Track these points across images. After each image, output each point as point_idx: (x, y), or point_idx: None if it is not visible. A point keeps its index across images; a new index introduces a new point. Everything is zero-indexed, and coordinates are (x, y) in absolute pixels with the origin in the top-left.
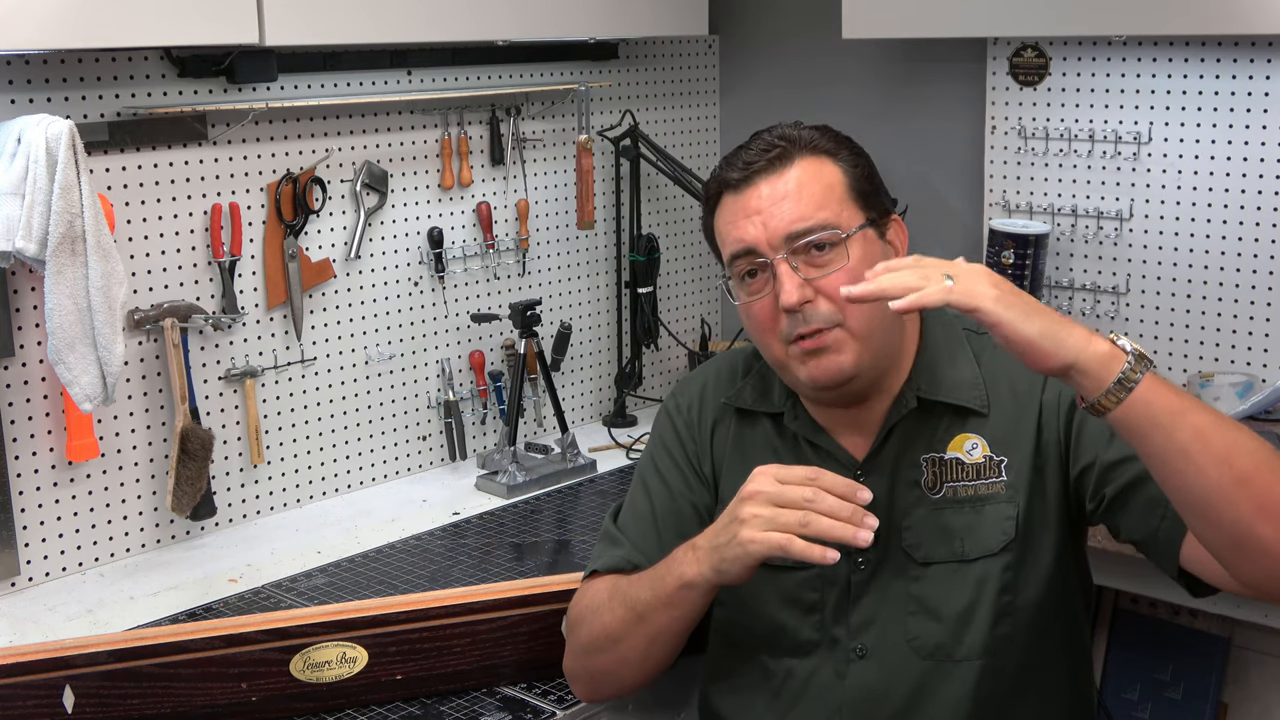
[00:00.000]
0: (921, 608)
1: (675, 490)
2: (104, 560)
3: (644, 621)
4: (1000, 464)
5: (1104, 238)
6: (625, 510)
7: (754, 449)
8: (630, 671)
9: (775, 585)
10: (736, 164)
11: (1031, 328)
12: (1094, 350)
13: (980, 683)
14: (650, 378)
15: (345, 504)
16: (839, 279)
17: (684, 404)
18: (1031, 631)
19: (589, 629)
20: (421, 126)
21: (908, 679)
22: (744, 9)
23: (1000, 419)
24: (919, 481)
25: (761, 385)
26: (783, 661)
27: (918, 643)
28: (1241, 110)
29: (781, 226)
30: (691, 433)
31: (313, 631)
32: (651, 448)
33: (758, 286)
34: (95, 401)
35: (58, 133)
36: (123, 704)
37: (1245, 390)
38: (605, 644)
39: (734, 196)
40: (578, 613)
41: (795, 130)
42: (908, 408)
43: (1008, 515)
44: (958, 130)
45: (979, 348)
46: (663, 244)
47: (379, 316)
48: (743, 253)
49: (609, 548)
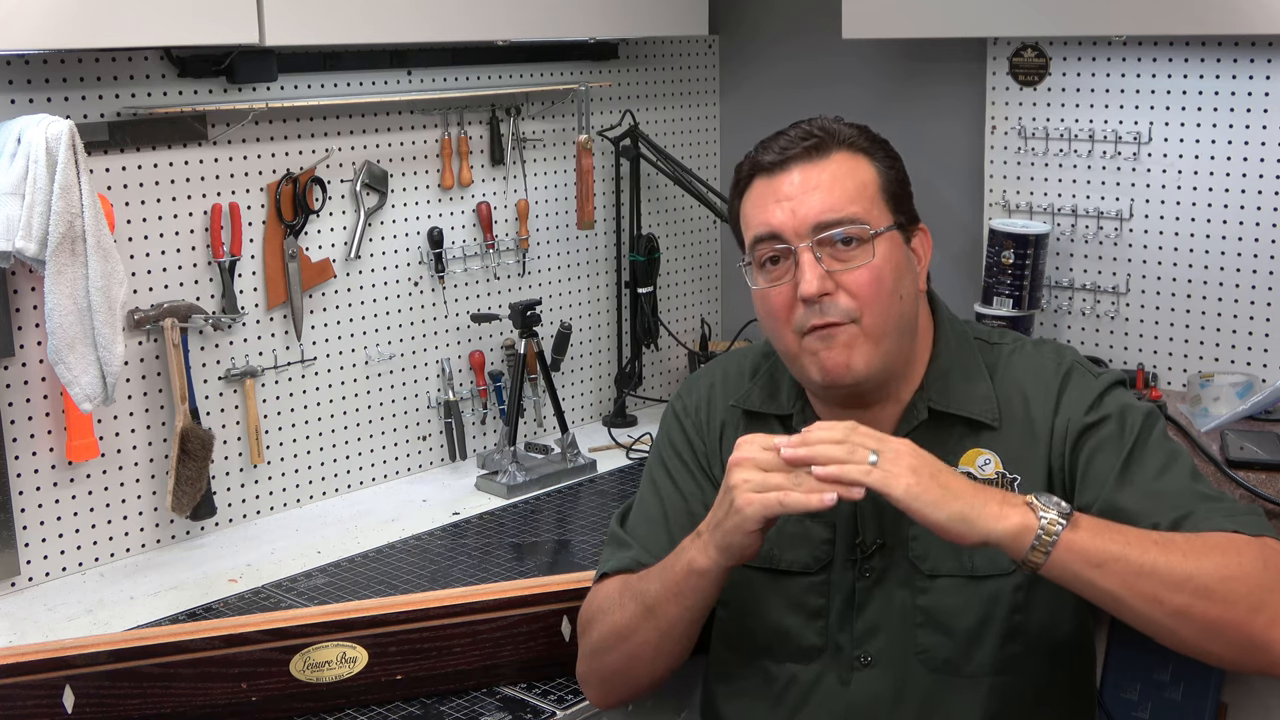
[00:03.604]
0: (930, 620)
1: (687, 493)
2: (104, 560)
3: (654, 614)
4: (1013, 482)
5: (1104, 238)
6: (634, 513)
7: None
8: (642, 668)
9: (779, 590)
10: (773, 148)
11: (941, 514)
12: (1004, 528)
13: (989, 700)
14: (650, 378)
15: (345, 504)
16: (862, 275)
17: (691, 405)
18: (1041, 651)
19: (600, 629)
20: (421, 126)
21: (915, 691)
22: (744, 9)
23: (1014, 437)
24: None
25: (770, 386)
26: (786, 667)
27: (926, 655)
28: (1241, 110)
29: (811, 215)
30: (700, 434)
31: (313, 631)
32: (659, 449)
33: (778, 274)
34: (95, 401)
35: (58, 133)
36: (123, 704)
37: (1245, 390)
38: (616, 641)
39: (766, 180)
40: (588, 615)
41: (835, 124)
42: (919, 419)
43: None
44: (958, 130)
45: (993, 360)
46: (663, 244)
47: (379, 316)
48: (767, 236)
49: (618, 550)
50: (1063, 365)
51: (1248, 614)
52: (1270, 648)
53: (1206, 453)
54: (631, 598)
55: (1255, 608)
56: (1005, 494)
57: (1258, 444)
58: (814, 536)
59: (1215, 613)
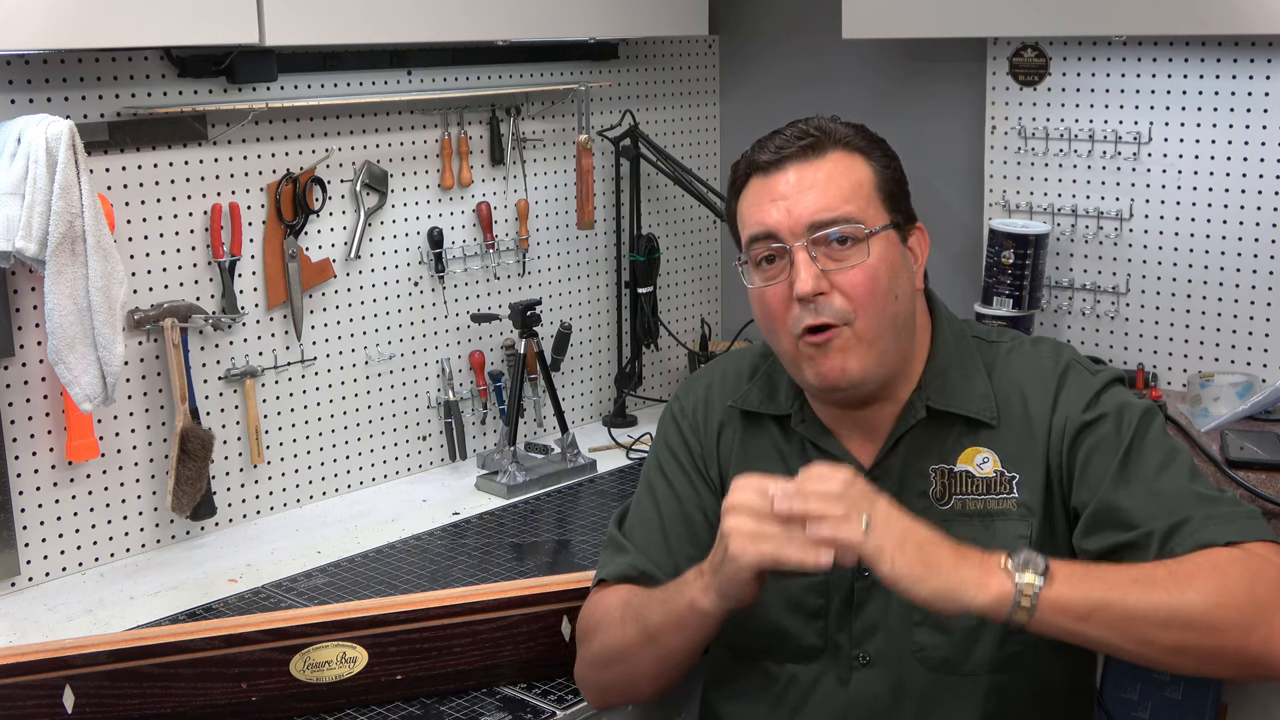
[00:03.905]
0: (928, 619)
1: (683, 496)
2: (104, 560)
3: (655, 642)
4: (1012, 480)
5: (1104, 238)
6: (631, 515)
7: (759, 454)
8: (642, 685)
9: (779, 590)
10: (769, 147)
11: (925, 590)
12: (984, 599)
13: (988, 699)
14: (650, 378)
15: (345, 504)
16: (856, 275)
17: (689, 407)
18: (1039, 650)
19: (600, 644)
20: (421, 126)
21: (914, 690)
22: (744, 9)
23: (1012, 435)
24: (927, 492)
25: (769, 387)
26: (785, 667)
27: (924, 654)
28: (1241, 110)
29: (806, 214)
30: (698, 436)
31: (313, 631)
32: (657, 451)
33: (773, 273)
34: (95, 401)
35: (58, 133)
36: (123, 704)
37: (1245, 390)
38: (614, 660)
39: (762, 179)
40: (589, 624)
41: (831, 123)
42: (917, 417)
43: (1020, 534)
44: (958, 130)
45: (990, 359)
46: (663, 244)
47: (379, 316)
48: (763, 235)
49: (615, 555)
50: (1060, 363)
51: (1241, 638)
52: (1271, 663)
53: (1206, 453)
54: (633, 620)
55: (1247, 629)
56: (984, 559)
57: (1258, 444)
58: None
59: (1209, 643)
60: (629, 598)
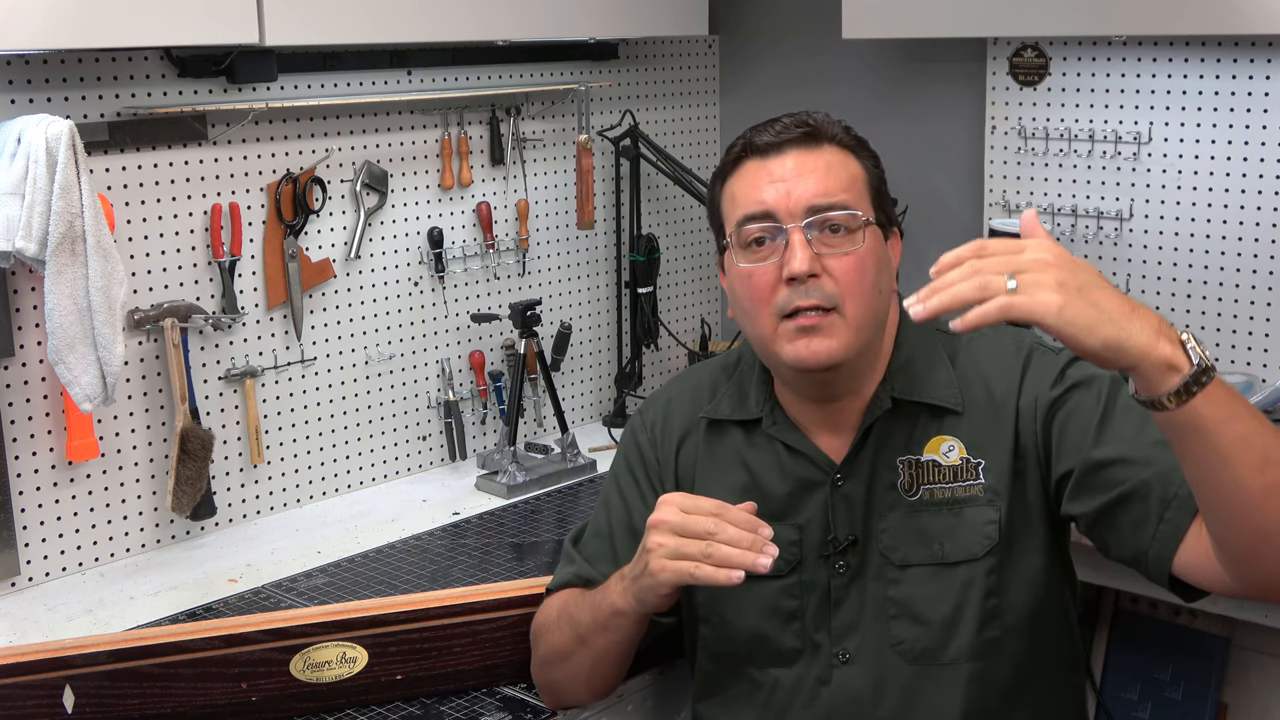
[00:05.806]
0: (904, 611)
1: (633, 508)
2: (104, 560)
3: (586, 644)
4: (978, 466)
5: (1104, 238)
6: (589, 526)
7: (723, 460)
8: (580, 686)
9: (755, 595)
10: (767, 131)
11: (1094, 341)
12: (1155, 359)
13: (970, 686)
14: (650, 378)
15: (345, 504)
16: (848, 261)
17: (649, 420)
18: (1020, 634)
19: (544, 645)
20: (421, 126)
21: (895, 683)
22: (744, 9)
23: (977, 421)
24: (895, 484)
25: (739, 394)
26: (768, 672)
27: (903, 647)
28: (1241, 110)
29: (805, 197)
30: (655, 449)
31: (313, 631)
32: (615, 464)
33: (764, 254)
34: (95, 401)
35: (58, 133)
36: (123, 704)
37: (1245, 390)
38: (556, 660)
39: (759, 161)
40: (537, 628)
41: (824, 119)
42: (883, 408)
43: (989, 519)
44: (958, 130)
45: (953, 349)
46: (663, 244)
47: (379, 316)
48: (759, 215)
49: (565, 566)
50: (1023, 348)
51: None
52: None
53: None
54: (567, 622)
55: None
56: (1159, 321)
57: None
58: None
59: None
60: (567, 601)
